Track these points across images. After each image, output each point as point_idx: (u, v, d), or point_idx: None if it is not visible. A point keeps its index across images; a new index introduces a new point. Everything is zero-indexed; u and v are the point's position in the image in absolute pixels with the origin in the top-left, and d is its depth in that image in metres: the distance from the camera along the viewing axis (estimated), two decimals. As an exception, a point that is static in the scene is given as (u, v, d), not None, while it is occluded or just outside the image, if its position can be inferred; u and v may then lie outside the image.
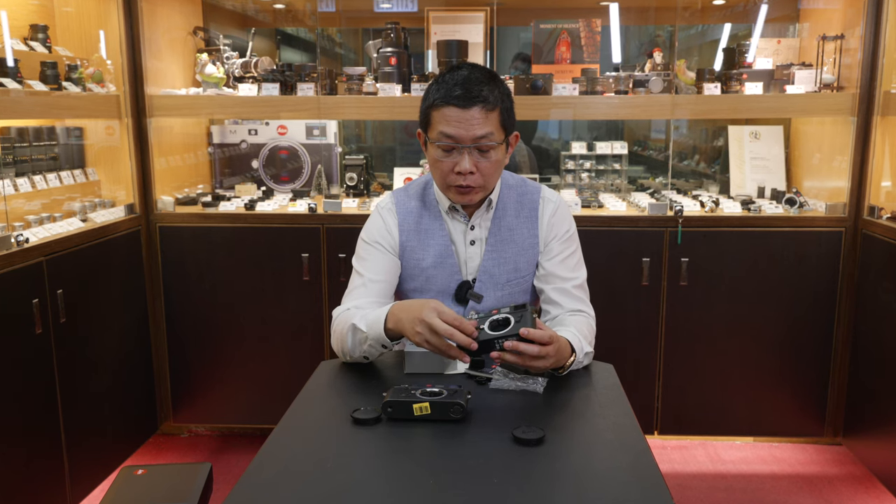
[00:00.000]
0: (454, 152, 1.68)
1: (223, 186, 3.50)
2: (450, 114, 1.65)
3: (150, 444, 3.14)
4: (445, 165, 1.70)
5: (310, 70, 3.05)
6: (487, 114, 1.65)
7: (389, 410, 1.39)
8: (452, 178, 1.70)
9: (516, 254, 1.82)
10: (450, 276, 1.82)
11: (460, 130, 1.65)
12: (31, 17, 2.82)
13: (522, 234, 1.83)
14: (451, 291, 1.83)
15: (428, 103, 1.70)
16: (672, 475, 2.90)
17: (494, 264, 1.82)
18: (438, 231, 1.82)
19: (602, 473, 1.22)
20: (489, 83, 1.66)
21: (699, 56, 3.70)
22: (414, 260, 1.82)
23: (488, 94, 1.65)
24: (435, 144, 1.69)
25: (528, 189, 1.87)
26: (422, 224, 1.83)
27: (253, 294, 3.04)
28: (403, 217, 1.83)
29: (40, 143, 2.74)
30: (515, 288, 1.84)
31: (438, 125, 1.67)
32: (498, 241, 1.82)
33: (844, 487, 2.81)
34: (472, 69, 1.68)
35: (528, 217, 1.84)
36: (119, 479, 1.61)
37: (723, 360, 3.03)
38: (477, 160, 1.68)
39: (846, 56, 2.94)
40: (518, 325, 1.47)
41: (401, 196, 1.87)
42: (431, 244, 1.82)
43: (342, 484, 1.19)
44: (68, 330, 2.52)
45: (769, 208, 3.01)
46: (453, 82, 1.65)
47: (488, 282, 1.82)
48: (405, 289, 1.87)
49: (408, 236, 1.82)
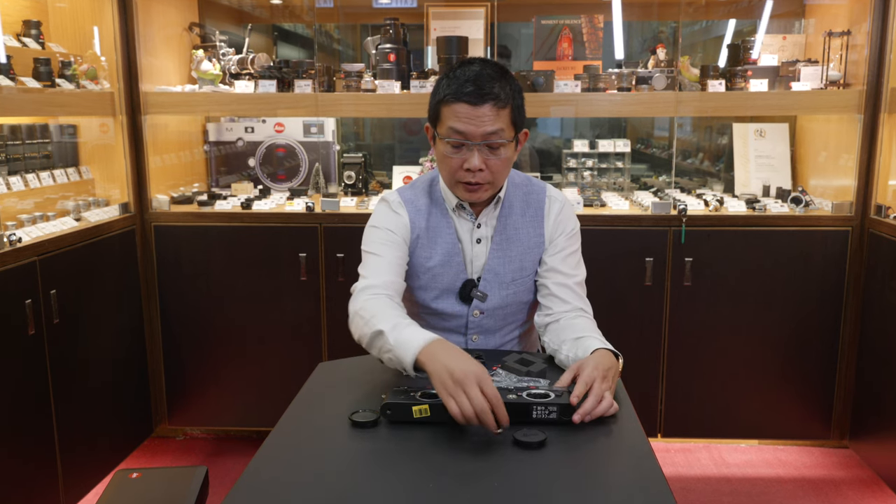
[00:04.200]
0: (463, 149, 1.66)
1: (219, 185, 3.48)
2: (460, 110, 1.63)
3: (145, 447, 3.11)
4: (454, 162, 1.68)
5: (307, 67, 3.03)
6: (499, 111, 1.63)
7: (388, 413, 1.37)
8: (461, 175, 1.69)
9: (522, 252, 1.81)
10: (455, 275, 1.80)
11: (470, 127, 1.63)
12: (24, 13, 2.80)
13: (528, 232, 1.82)
14: (456, 290, 1.81)
15: (438, 98, 1.68)
16: (676, 478, 2.87)
17: (500, 263, 1.80)
18: (446, 229, 1.80)
19: (605, 477, 1.21)
20: (501, 80, 1.64)
21: (703, 52, 3.68)
22: (422, 258, 1.80)
23: (500, 91, 1.63)
24: (444, 140, 1.67)
25: (534, 188, 1.86)
26: (431, 222, 1.81)
27: (250, 294, 3.01)
28: (414, 214, 1.80)
29: (33, 141, 2.73)
30: (520, 287, 1.82)
31: (448, 121, 1.65)
32: (503, 239, 1.81)
33: (851, 491, 2.78)
34: (483, 65, 1.66)
35: (533, 216, 1.82)
36: (113, 482, 1.61)
37: (727, 361, 3.00)
38: (486, 157, 1.66)
39: (853, 52, 2.91)
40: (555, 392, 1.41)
41: (407, 194, 1.84)
42: (440, 242, 1.80)
43: (340, 488, 1.18)
44: (62, 331, 2.50)
45: (774, 207, 2.98)
46: (464, 78, 1.63)
47: (493, 280, 1.80)
48: (410, 286, 1.84)
49: (418, 234, 1.80)
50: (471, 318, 1.83)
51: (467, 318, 1.83)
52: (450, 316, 1.83)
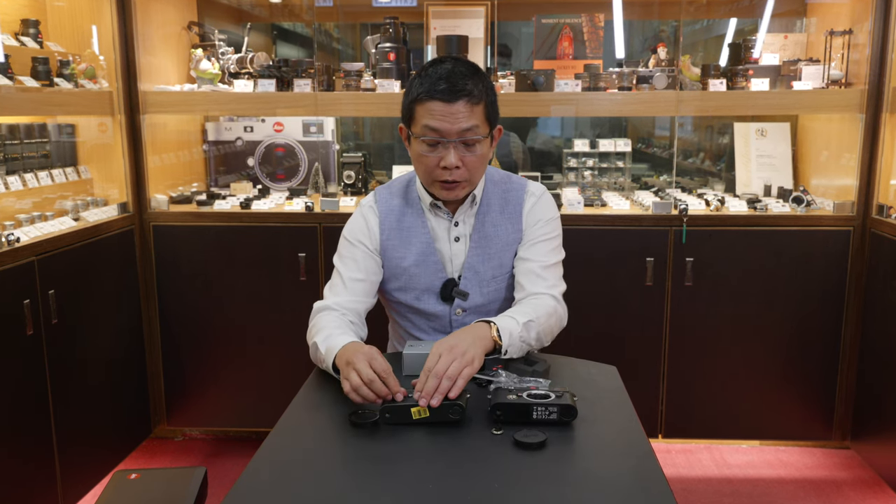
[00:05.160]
0: (439, 147, 1.67)
1: (218, 185, 3.46)
2: (434, 108, 1.64)
3: (144, 448, 3.10)
4: (430, 160, 1.69)
5: (307, 66, 3.02)
6: (473, 107, 1.65)
7: (387, 416, 1.37)
8: (438, 174, 1.70)
9: (500, 249, 1.82)
10: (433, 275, 1.81)
11: (445, 124, 1.64)
12: (23, 12, 2.79)
13: (507, 229, 1.82)
14: (436, 290, 1.82)
15: (411, 98, 1.69)
16: (677, 479, 2.86)
17: (479, 261, 1.81)
18: (420, 229, 1.81)
19: (605, 478, 1.20)
20: (473, 77, 1.66)
21: (704, 51, 3.67)
22: (395, 259, 1.81)
23: (473, 88, 1.64)
24: (419, 139, 1.68)
25: (513, 185, 1.86)
26: (403, 222, 1.82)
27: (249, 294, 3.00)
28: (385, 215, 1.82)
29: (32, 141, 2.72)
30: (501, 284, 1.83)
31: (422, 119, 1.66)
32: (482, 237, 1.81)
33: (853, 492, 2.76)
34: (455, 63, 1.68)
35: (512, 213, 1.83)
36: (112, 483, 1.61)
37: (728, 361, 2.99)
38: (462, 154, 1.68)
39: (854, 51, 2.90)
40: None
41: (383, 194, 1.86)
42: (413, 242, 1.81)
43: (340, 488, 1.18)
44: (60, 331, 2.49)
45: (776, 207, 2.97)
46: (437, 76, 1.64)
47: (473, 279, 1.81)
48: (389, 288, 1.86)
49: (388, 235, 1.81)
50: (454, 317, 1.83)
51: (450, 317, 1.83)
52: (433, 315, 1.84)
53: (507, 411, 1.35)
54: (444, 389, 1.36)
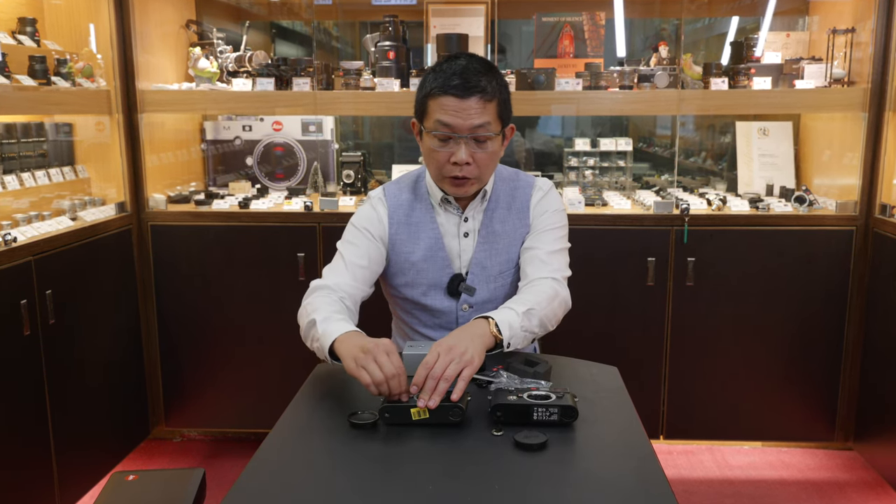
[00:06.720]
0: (451, 142, 1.67)
1: (216, 184, 3.45)
2: (447, 103, 1.64)
3: (142, 449, 3.09)
4: (441, 156, 1.69)
5: (306, 64, 3.01)
6: (485, 104, 1.65)
7: (387, 416, 1.36)
8: (448, 169, 1.70)
9: (508, 245, 1.82)
10: (441, 270, 1.81)
11: (457, 120, 1.64)
12: (20, 10, 2.77)
13: (514, 225, 1.82)
14: (443, 285, 1.82)
15: (424, 92, 1.69)
16: (678, 481, 2.85)
17: (486, 256, 1.81)
18: (429, 224, 1.81)
19: (606, 479, 1.20)
20: (487, 73, 1.67)
21: (706, 50, 3.66)
22: (403, 254, 1.81)
23: (486, 85, 1.65)
24: (431, 134, 1.69)
25: (522, 182, 1.87)
26: (412, 217, 1.82)
27: (247, 295, 2.99)
28: (394, 209, 1.82)
29: (29, 140, 2.71)
30: (508, 279, 1.84)
31: (435, 114, 1.66)
32: (490, 233, 1.81)
33: (855, 494, 2.75)
34: (469, 59, 1.69)
35: (520, 209, 1.84)
36: (110, 485, 1.61)
37: (730, 362, 2.97)
38: (473, 150, 1.68)
39: (857, 50, 2.89)
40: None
41: (392, 188, 1.87)
42: (422, 237, 1.81)
43: (339, 490, 1.17)
44: (57, 331, 2.48)
45: (778, 206, 2.96)
46: (451, 72, 1.65)
47: (481, 274, 1.81)
48: (396, 284, 1.85)
49: (397, 229, 1.81)
50: (460, 313, 1.83)
51: (457, 313, 1.83)
52: (439, 311, 1.84)
53: (507, 412, 1.34)
54: (442, 391, 1.35)
